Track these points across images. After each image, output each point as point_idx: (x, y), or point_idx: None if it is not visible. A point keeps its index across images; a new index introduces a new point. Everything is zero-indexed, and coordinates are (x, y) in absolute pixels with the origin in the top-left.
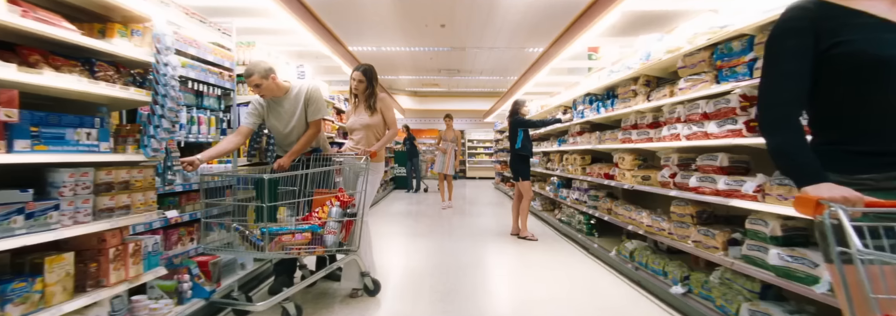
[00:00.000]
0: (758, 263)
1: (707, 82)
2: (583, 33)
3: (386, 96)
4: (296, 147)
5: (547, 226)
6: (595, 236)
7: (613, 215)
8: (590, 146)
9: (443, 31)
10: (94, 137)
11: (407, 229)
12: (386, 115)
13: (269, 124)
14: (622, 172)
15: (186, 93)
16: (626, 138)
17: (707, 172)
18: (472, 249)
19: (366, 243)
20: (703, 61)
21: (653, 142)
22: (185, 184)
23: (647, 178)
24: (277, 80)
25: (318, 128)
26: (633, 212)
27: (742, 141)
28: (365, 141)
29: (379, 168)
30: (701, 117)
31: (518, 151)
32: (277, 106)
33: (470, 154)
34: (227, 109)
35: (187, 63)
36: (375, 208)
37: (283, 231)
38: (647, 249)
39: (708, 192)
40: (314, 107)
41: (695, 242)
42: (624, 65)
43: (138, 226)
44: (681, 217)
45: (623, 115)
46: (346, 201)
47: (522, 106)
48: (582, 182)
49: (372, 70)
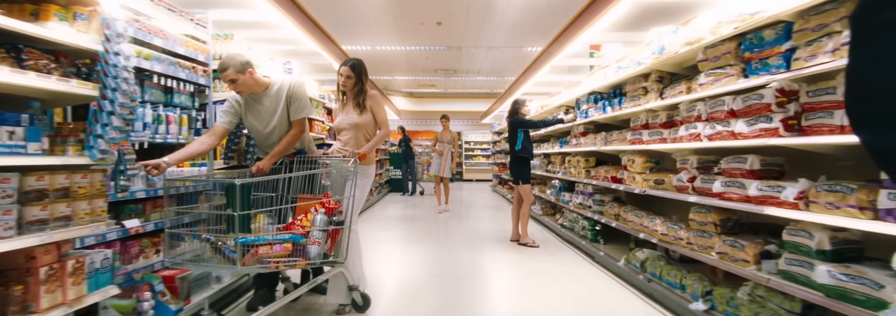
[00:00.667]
0: (800, 280)
1: (733, 76)
2: (585, 29)
3: (376, 94)
4: (277, 149)
5: (548, 231)
6: (600, 243)
7: (622, 222)
8: (595, 148)
9: (439, 29)
10: (19, 137)
11: (401, 235)
12: (377, 114)
13: (248, 124)
14: (632, 175)
15: (153, 88)
16: (636, 139)
17: (734, 175)
18: (470, 257)
19: (354, 254)
20: (729, 53)
21: (667, 143)
22: (150, 190)
23: (660, 182)
24: (256, 75)
25: (301, 127)
26: (645, 218)
27: (779, 141)
28: (354, 142)
29: (369, 171)
30: (726, 115)
31: (518, 153)
32: (256, 103)
33: (467, 156)
34: (203, 108)
35: (151, 55)
36: (369, 212)
37: (260, 242)
38: (661, 258)
39: (735, 198)
40: (297, 104)
41: (719, 254)
42: (633, 60)
43: (88, 238)
44: (702, 225)
45: (632, 115)
46: (331, 208)
47: (522, 106)
48: (586, 186)
49: (361, 65)
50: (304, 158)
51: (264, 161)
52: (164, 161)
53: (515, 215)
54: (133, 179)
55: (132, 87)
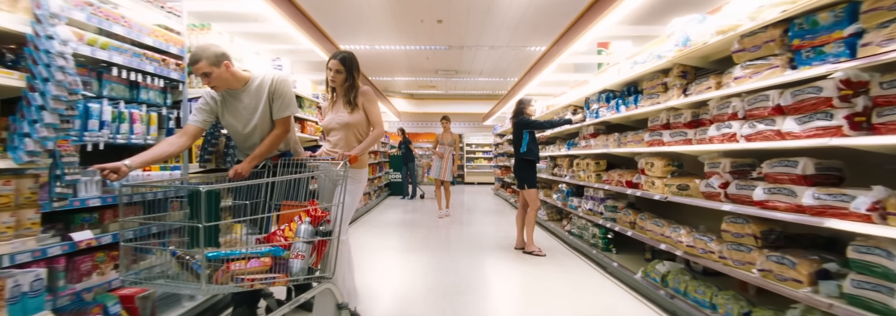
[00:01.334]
0: (876, 307)
1: (777, 68)
2: (594, 25)
3: (369, 90)
4: (257, 151)
5: (554, 238)
6: (613, 252)
7: (639, 231)
8: (606, 150)
9: (440, 27)
10: None
11: (399, 242)
12: (369, 112)
13: (226, 123)
14: (650, 179)
15: (114, 82)
16: (655, 140)
17: (780, 181)
18: (472, 267)
19: (344, 267)
20: (772, 41)
21: (692, 144)
22: (106, 197)
23: (684, 187)
24: (233, 68)
25: (285, 127)
26: (667, 228)
27: (843, 141)
28: (344, 143)
29: (361, 176)
30: (772, 112)
31: (523, 156)
32: (234, 100)
33: (468, 158)
34: (177, 105)
35: (109, 44)
36: (367, 217)
37: (234, 256)
38: (685, 272)
39: (783, 207)
40: (281, 101)
41: (762, 272)
42: (652, 54)
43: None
44: (738, 237)
45: (650, 114)
46: (318, 217)
47: (528, 105)
48: (597, 191)
49: (352, 58)
50: (289, 160)
51: (243, 164)
52: (124, 164)
53: (520, 222)
54: (76, 185)
55: (71, 77)
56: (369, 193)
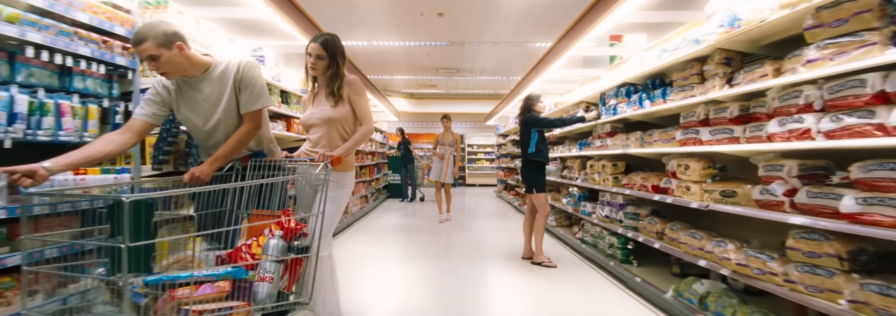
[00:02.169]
0: None
1: (874, 45)
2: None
3: (356, 79)
4: (221, 150)
5: (564, 246)
6: (633, 265)
7: (668, 242)
8: (626, 150)
9: (440, 21)
10: None
11: (396, 250)
12: (357, 106)
13: (182, 117)
14: (684, 184)
15: (34, 67)
16: (691, 139)
17: (881, 189)
18: (475, 280)
19: (327, 288)
20: (866, 11)
21: (741, 143)
22: (13, 207)
23: (729, 193)
24: (189, 51)
25: (256, 122)
26: (707, 241)
27: None
28: (327, 141)
29: (346, 180)
30: (869, 101)
31: (531, 157)
32: (192, 90)
33: (470, 160)
34: (126, 97)
35: (20, 17)
36: (364, 221)
37: (181, 279)
38: (731, 294)
39: (887, 223)
40: (250, 91)
41: (854, 304)
42: (686, 39)
43: None
44: (812, 258)
45: (683, 109)
46: (292, 229)
47: (537, 102)
48: (615, 196)
49: (335, 41)
50: (261, 162)
51: (203, 166)
52: (43, 167)
53: (528, 229)
54: None
55: None
56: (367, 196)
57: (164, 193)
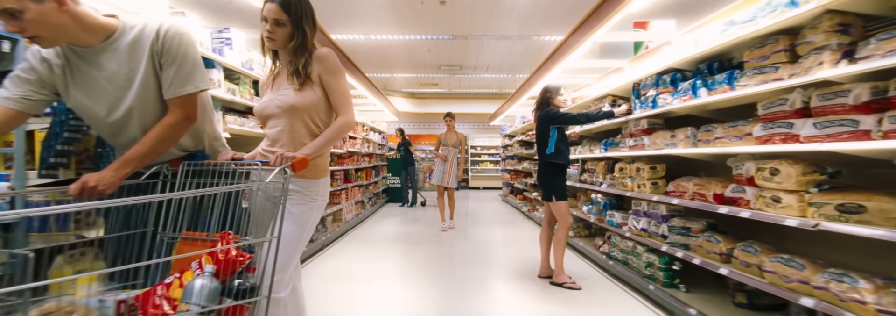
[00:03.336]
0: None
1: None
2: None
3: (330, 53)
4: (133, 151)
5: (585, 260)
6: (680, 290)
7: (742, 269)
8: (672, 150)
9: (442, 10)
10: None
11: (392, 266)
12: (332, 90)
13: (75, 104)
14: (771, 194)
15: None
16: (779, 135)
17: None
18: (486, 306)
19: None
20: None
21: (871, 139)
22: None
23: (855, 209)
24: (77, 7)
25: (187, 112)
26: (815, 272)
27: None
28: (288, 137)
29: (316, 190)
30: None
31: (550, 158)
32: (88, 66)
33: (473, 162)
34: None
35: None
36: (359, 230)
37: None
38: None
39: None
40: (178, 68)
41: None
42: (771, 4)
43: None
44: None
45: (762, 96)
46: (231, 261)
47: (556, 94)
48: (656, 205)
49: (301, 1)
50: (200, 166)
51: (104, 172)
52: None
53: (545, 243)
54: None
55: None
56: (363, 201)
57: (57, 209)
